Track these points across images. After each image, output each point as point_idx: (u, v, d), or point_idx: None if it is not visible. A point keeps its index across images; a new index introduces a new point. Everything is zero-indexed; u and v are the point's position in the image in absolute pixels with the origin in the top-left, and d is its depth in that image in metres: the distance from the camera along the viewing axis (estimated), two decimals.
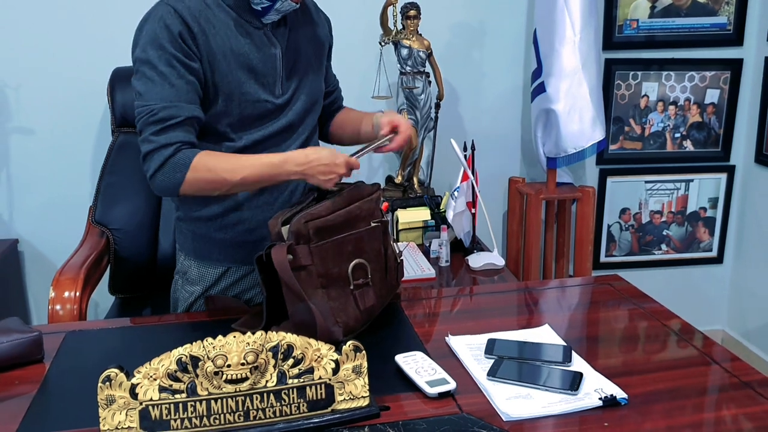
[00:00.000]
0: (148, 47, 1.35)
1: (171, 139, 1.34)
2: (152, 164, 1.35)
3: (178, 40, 1.35)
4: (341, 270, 1.37)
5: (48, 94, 2.39)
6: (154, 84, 1.34)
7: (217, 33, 1.39)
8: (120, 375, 1.03)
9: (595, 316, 1.55)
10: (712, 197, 2.94)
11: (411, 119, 2.40)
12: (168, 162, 1.34)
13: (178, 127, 1.35)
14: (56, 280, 1.87)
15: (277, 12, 1.44)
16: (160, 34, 1.34)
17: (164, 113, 1.34)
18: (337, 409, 1.10)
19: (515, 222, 2.74)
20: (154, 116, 1.34)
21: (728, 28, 2.76)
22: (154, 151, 1.35)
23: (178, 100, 1.35)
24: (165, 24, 1.34)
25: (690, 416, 1.13)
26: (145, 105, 1.35)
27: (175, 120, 1.35)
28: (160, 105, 1.34)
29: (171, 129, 1.34)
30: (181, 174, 1.34)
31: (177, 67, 1.35)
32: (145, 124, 1.35)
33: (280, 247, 1.30)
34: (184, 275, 1.59)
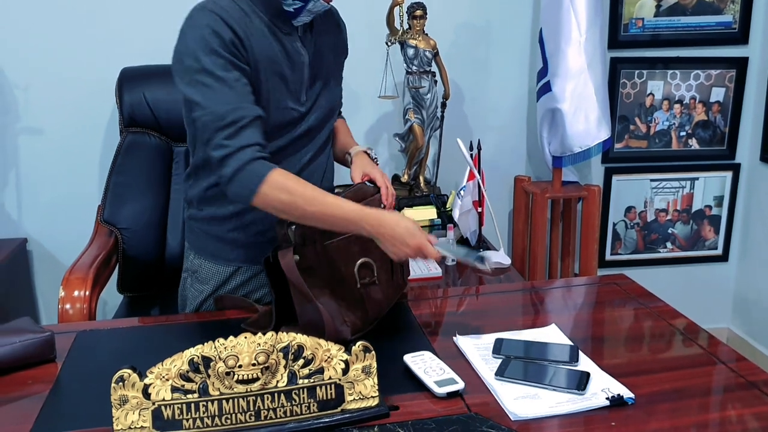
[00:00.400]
0: (200, 55, 1.32)
1: (245, 141, 1.32)
2: (229, 168, 1.32)
3: (230, 46, 1.33)
4: (348, 270, 1.38)
5: (56, 94, 2.40)
6: (214, 90, 1.32)
7: (256, 40, 1.38)
8: (133, 375, 1.04)
9: (601, 315, 1.56)
10: (717, 195, 2.95)
11: (417, 118, 2.41)
12: (245, 168, 1.31)
13: (249, 128, 1.33)
14: (66, 280, 1.89)
15: (309, 13, 1.42)
16: (211, 40, 1.31)
17: (233, 116, 1.31)
18: (347, 408, 1.11)
19: (521, 221, 2.75)
20: (223, 121, 1.31)
21: (734, 26, 2.76)
22: (230, 156, 1.31)
23: (243, 102, 1.33)
24: (214, 30, 1.32)
25: (696, 416, 1.14)
26: (211, 112, 1.32)
27: (245, 120, 1.32)
28: (226, 108, 1.31)
29: (243, 130, 1.32)
30: (255, 185, 1.31)
31: (233, 72, 1.33)
32: (215, 130, 1.32)
33: (287, 248, 1.32)
34: (194, 274, 1.60)
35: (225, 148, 1.31)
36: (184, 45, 1.34)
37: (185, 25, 1.36)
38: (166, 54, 2.27)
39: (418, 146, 2.44)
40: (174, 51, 1.37)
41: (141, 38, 2.37)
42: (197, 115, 1.34)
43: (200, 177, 1.53)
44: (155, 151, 2.23)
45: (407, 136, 2.46)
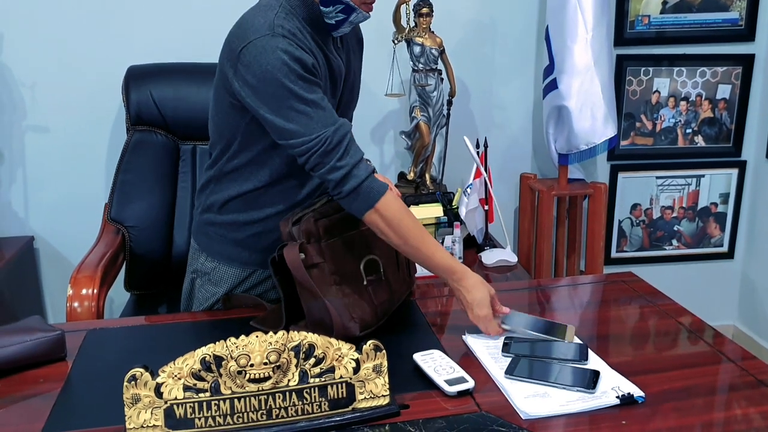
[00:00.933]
0: (286, 81, 1.30)
1: (356, 158, 1.35)
2: (347, 187, 1.34)
3: (311, 69, 1.34)
4: (353, 266, 1.39)
5: (63, 92, 2.40)
6: (310, 117, 1.32)
7: (318, 58, 1.39)
8: (145, 374, 1.05)
9: (608, 313, 1.56)
10: (723, 193, 2.94)
11: (423, 116, 2.41)
12: (363, 183, 1.34)
13: (352, 143, 1.36)
14: (74, 278, 1.89)
15: (350, 24, 1.42)
16: (293, 65, 1.30)
17: (338, 136, 1.33)
18: (358, 407, 1.12)
19: (527, 218, 2.75)
20: (330, 144, 1.33)
21: (740, 23, 2.75)
22: (348, 175, 1.34)
23: (336, 119, 1.35)
24: (293, 56, 1.31)
25: (706, 415, 1.14)
26: (315, 137, 1.32)
27: (348, 137, 1.36)
28: (329, 131, 1.33)
29: (350, 147, 1.35)
30: (367, 206, 1.35)
31: (318, 92, 1.35)
32: (325, 154, 1.33)
33: (292, 246, 1.33)
34: (205, 275, 1.59)
35: (341, 169, 1.34)
36: (261, 71, 1.31)
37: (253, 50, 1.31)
38: (173, 52, 2.31)
39: (425, 144, 2.44)
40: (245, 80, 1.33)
41: (148, 36, 2.37)
42: (296, 141, 1.33)
43: (227, 184, 1.52)
44: (162, 149, 2.23)
45: (413, 134, 2.46)
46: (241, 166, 1.48)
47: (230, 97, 1.40)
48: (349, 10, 1.38)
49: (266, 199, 1.50)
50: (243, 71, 1.32)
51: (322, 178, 1.36)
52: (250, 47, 1.31)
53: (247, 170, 1.48)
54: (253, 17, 1.36)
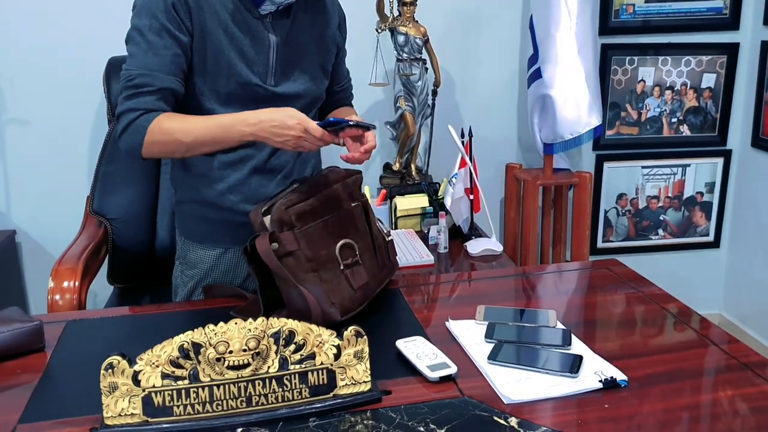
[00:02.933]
0: (142, 14, 1.39)
1: (138, 105, 1.38)
2: (119, 126, 1.40)
3: (171, 11, 1.38)
4: (329, 251, 1.38)
5: (43, 84, 2.38)
6: (139, 51, 1.38)
7: (214, 11, 1.41)
8: (122, 362, 1.03)
9: (593, 300, 1.55)
10: (708, 182, 2.95)
11: (408, 106, 2.40)
12: (131, 125, 1.38)
13: (149, 95, 1.38)
14: (55, 270, 1.87)
15: (273, 3, 1.44)
16: (154, 3, 1.37)
17: (139, 80, 1.38)
18: (339, 394, 1.10)
19: (512, 208, 2.75)
20: (130, 81, 1.38)
21: (724, 12, 2.76)
22: (122, 114, 1.39)
23: (158, 71, 1.38)
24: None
25: (690, 398, 1.14)
26: (127, 70, 1.39)
27: (148, 88, 1.38)
28: (137, 72, 1.38)
29: (141, 95, 1.38)
30: (140, 136, 1.38)
31: (165, 38, 1.38)
32: (122, 88, 1.39)
33: (263, 236, 1.32)
34: (183, 259, 1.60)
35: (121, 105, 1.39)
36: (136, 2, 1.42)
37: None
38: None
39: (410, 134, 2.43)
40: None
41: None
42: (123, 68, 1.41)
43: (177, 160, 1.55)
44: None
45: (398, 124, 2.45)
46: None
47: None
48: None
49: (215, 173, 1.51)
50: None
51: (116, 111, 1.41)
52: None
53: None
54: None
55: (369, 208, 1.52)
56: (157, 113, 1.39)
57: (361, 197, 1.50)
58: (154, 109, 1.39)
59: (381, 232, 1.54)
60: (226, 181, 1.51)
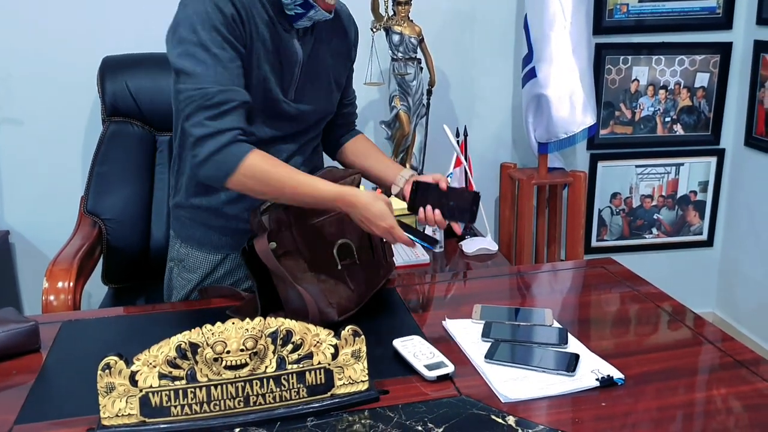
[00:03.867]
0: (198, 28, 1.30)
1: (228, 125, 1.30)
2: (204, 149, 1.30)
3: (231, 23, 1.31)
4: (327, 251, 1.38)
5: (37, 83, 2.37)
6: (207, 66, 1.30)
7: (256, 23, 1.37)
8: (120, 362, 1.03)
9: (588, 298, 1.56)
10: (702, 181, 2.96)
11: (403, 105, 2.40)
12: (222, 150, 1.30)
13: (234, 112, 1.31)
14: (50, 271, 1.87)
15: (309, 20, 1.41)
16: (213, 15, 1.30)
17: (221, 97, 1.30)
18: (337, 393, 1.10)
19: (507, 207, 2.75)
20: (210, 100, 1.30)
21: (717, 11, 2.77)
22: (209, 137, 1.30)
23: (233, 84, 1.32)
24: (217, 6, 1.30)
25: (685, 395, 1.15)
26: (200, 88, 1.30)
27: (232, 104, 1.31)
28: (216, 88, 1.30)
29: (227, 114, 1.31)
30: (230, 168, 1.30)
31: (229, 51, 1.31)
32: (200, 108, 1.30)
33: (261, 236, 1.31)
34: (181, 263, 1.58)
35: (205, 127, 1.30)
36: (184, 15, 1.32)
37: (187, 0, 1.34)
38: (149, 42, 2.28)
39: (405, 133, 2.43)
40: (173, 21, 1.35)
41: (123, 27, 2.34)
42: (183, 87, 1.31)
43: (186, 165, 1.51)
44: (138, 140, 2.20)
45: (393, 124, 2.45)
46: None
47: None
48: (308, 5, 1.38)
49: None
50: (174, 19, 1.34)
51: (188, 131, 1.32)
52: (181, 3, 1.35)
53: None
54: None
55: None
56: (244, 142, 1.32)
57: None
58: (241, 128, 1.32)
59: None
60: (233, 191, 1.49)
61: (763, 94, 2.70)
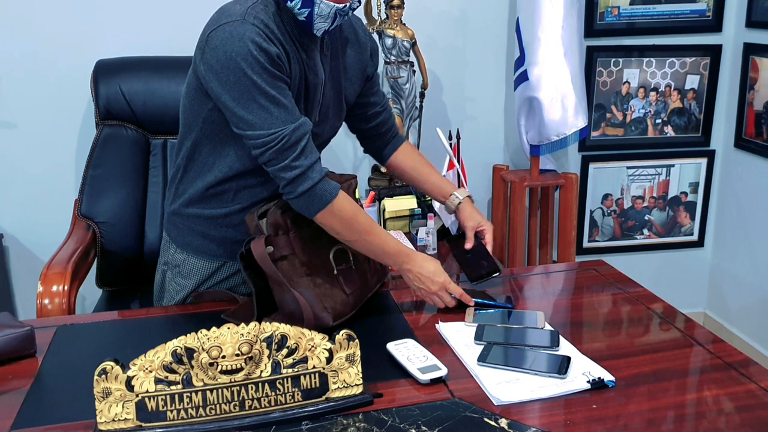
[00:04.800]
0: (249, 72, 1.28)
1: (312, 160, 1.35)
2: (301, 188, 1.34)
3: (277, 62, 1.31)
4: (323, 256, 1.40)
5: (30, 86, 2.37)
6: (270, 112, 1.31)
7: (286, 52, 1.36)
8: (116, 368, 1.04)
9: (580, 301, 1.57)
10: (692, 182, 2.98)
11: (396, 108, 2.41)
12: (316, 188, 1.35)
13: (310, 144, 1.36)
14: (44, 275, 1.87)
15: (321, 18, 1.36)
16: (259, 56, 1.28)
17: (296, 136, 1.32)
18: (331, 397, 1.12)
19: (500, 209, 2.77)
20: (288, 142, 1.32)
21: (707, 14, 2.79)
22: (302, 176, 1.34)
23: (297, 118, 1.34)
24: (260, 46, 1.28)
25: (675, 397, 1.16)
26: (272, 133, 1.31)
27: (306, 138, 1.34)
28: (288, 129, 1.31)
29: (306, 148, 1.34)
30: (323, 204, 1.36)
31: (283, 88, 1.33)
32: (280, 151, 1.32)
33: (259, 239, 1.32)
34: (175, 268, 1.58)
35: (295, 169, 1.33)
36: (226, 57, 1.28)
37: (221, 34, 1.29)
38: (142, 46, 2.29)
39: None
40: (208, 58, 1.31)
41: (116, 30, 2.34)
42: (251, 134, 1.32)
43: (192, 175, 1.50)
44: (132, 143, 2.21)
45: None
46: (203, 157, 1.45)
47: (197, 81, 1.38)
48: (309, 2, 1.34)
49: (230, 194, 1.48)
50: (209, 54, 1.31)
51: (275, 175, 1.35)
52: (219, 31, 1.30)
53: (210, 161, 1.45)
54: (232, 5, 1.35)
55: None
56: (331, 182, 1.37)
57: (356, 202, 1.51)
58: (319, 157, 1.37)
59: None
60: (240, 203, 1.49)
61: (752, 96, 2.73)
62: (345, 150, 2.63)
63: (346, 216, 1.38)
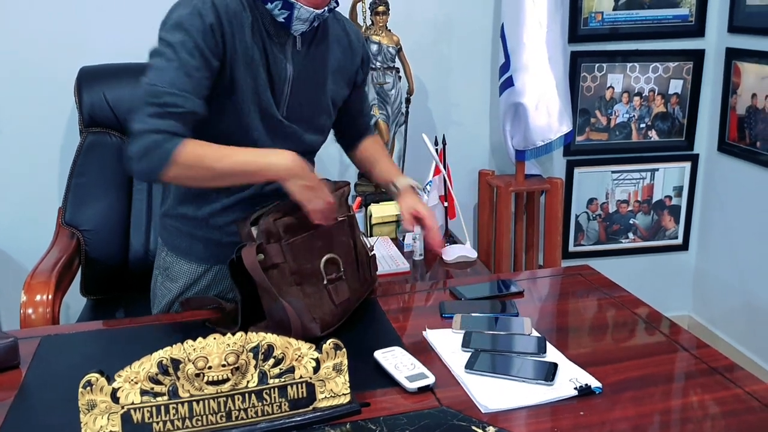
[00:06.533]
0: (174, 30, 1.30)
1: (164, 126, 1.27)
2: (136, 145, 1.27)
3: (209, 32, 1.31)
4: (313, 266, 1.39)
5: (13, 94, 2.35)
6: (169, 67, 1.29)
7: (244, 37, 1.36)
8: (101, 379, 1.03)
9: (566, 306, 1.58)
10: (676, 186, 3.01)
11: (382, 114, 2.41)
12: (155, 148, 1.27)
13: (177, 118, 1.29)
14: (27, 284, 1.85)
15: (300, 21, 1.38)
16: (192, 21, 1.30)
17: (169, 98, 1.28)
18: (319, 407, 1.11)
19: (486, 214, 2.77)
20: (158, 99, 1.28)
21: (690, 19, 2.81)
22: (144, 133, 1.27)
23: (188, 92, 1.29)
24: (199, 13, 1.30)
25: (662, 403, 1.17)
26: (154, 84, 1.28)
27: (177, 110, 1.28)
28: (166, 89, 1.28)
29: (169, 117, 1.28)
30: (164, 161, 1.27)
31: (197, 59, 1.30)
32: (146, 103, 1.28)
33: (250, 247, 1.30)
34: (165, 271, 1.58)
35: (143, 123, 1.27)
36: (169, 16, 1.33)
37: (175, 4, 1.35)
38: (126, 53, 2.28)
39: (384, 142, 2.43)
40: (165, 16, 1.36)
41: (100, 37, 2.33)
42: (144, 80, 1.30)
43: None
44: (116, 151, 2.20)
45: None
46: None
47: None
48: (288, 5, 1.35)
49: (212, 192, 1.48)
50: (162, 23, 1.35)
51: (129, 127, 1.30)
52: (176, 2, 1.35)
53: None
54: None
55: (355, 222, 1.52)
56: (180, 138, 1.29)
57: (348, 210, 1.50)
58: (178, 134, 1.29)
59: (364, 247, 1.54)
60: (221, 202, 1.49)
61: (735, 100, 2.75)
62: (331, 156, 2.62)
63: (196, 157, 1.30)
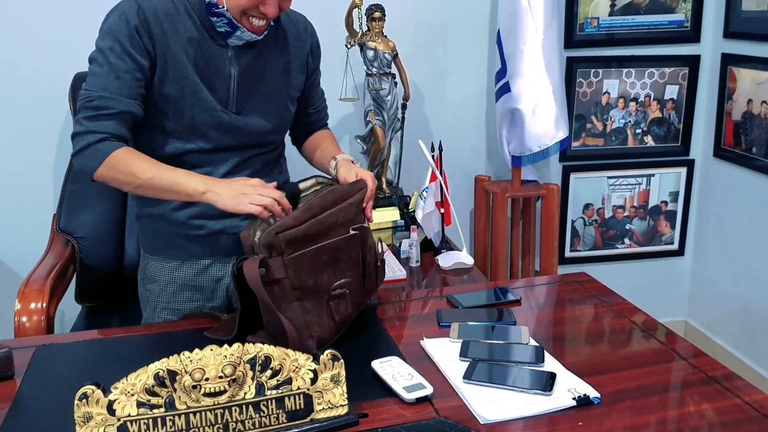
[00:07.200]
0: (105, 36, 1.42)
1: (98, 128, 1.39)
2: (76, 146, 1.41)
3: (134, 35, 1.40)
4: (316, 281, 1.35)
5: (7, 100, 2.34)
6: (101, 72, 1.41)
7: (179, 37, 1.44)
8: (97, 392, 1.02)
9: (563, 314, 1.57)
10: (672, 191, 3.01)
11: (378, 120, 2.41)
12: (89, 148, 1.39)
13: (110, 119, 1.40)
14: (22, 292, 1.84)
15: (240, 39, 1.48)
16: (118, 27, 1.40)
17: (100, 102, 1.39)
18: (316, 418, 1.10)
19: (482, 220, 2.77)
20: (90, 102, 1.40)
21: (686, 25, 2.82)
22: (80, 134, 1.40)
23: (118, 94, 1.40)
24: (125, 18, 1.40)
25: (661, 412, 1.16)
26: (87, 90, 1.41)
27: (109, 111, 1.40)
28: (98, 93, 1.40)
29: (101, 118, 1.39)
30: (97, 162, 1.39)
31: (126, 61, 1.40)
32: (81, 108, 1.41)
33: (252, 261, 1.27)
34: (143, 274, 1.63)
35: (80, 125, 1.41)
36: (102, 24, 1.44)
37: (114, 7, 1.44)
38: None
39: (380, 148, 2.43)
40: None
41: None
42: (84, 85, 1.43)
43: None
44: None
45: (368, 138, 2.46)
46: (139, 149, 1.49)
47: None
48: (233, 26, 1.44)
49: None
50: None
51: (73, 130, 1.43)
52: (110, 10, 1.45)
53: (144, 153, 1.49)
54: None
55: (368, 233, 1.48)
56: (116, 141, 1.40)
57: (363, 221, 1.47)
58: (113, 133, 1.40)
59: (375, 257, 1.50)
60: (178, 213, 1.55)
61: (730, 106, 2.76)
62: None
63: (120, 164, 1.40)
